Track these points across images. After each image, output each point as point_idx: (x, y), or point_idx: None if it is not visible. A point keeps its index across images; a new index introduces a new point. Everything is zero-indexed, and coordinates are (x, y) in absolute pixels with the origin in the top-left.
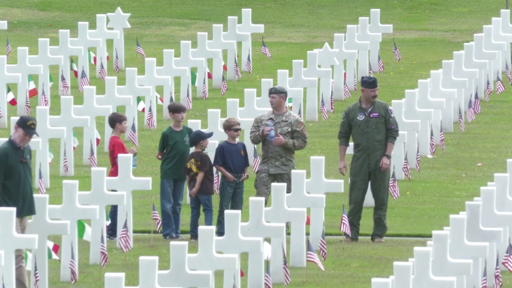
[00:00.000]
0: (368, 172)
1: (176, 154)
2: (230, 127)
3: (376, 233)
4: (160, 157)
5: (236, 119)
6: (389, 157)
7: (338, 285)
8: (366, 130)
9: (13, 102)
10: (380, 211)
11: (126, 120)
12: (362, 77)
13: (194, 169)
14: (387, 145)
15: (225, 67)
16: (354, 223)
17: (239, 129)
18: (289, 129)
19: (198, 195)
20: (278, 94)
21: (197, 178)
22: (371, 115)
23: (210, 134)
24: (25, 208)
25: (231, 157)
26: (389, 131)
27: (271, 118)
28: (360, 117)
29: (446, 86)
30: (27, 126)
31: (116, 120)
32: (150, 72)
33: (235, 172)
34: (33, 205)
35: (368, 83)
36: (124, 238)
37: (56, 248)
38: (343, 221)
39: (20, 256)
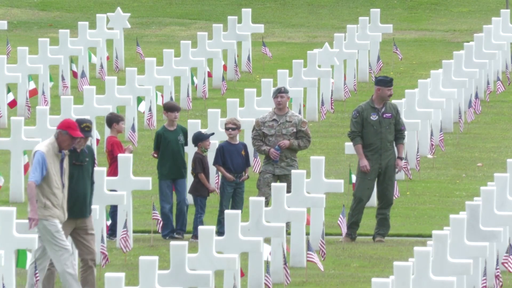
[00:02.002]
0: (378, 172)
1: (171, 154)
2: (225, 125)
3: (380, 232)
4: (156, 155)
5: (233, 119)
6: (402, 159)
7: (338, 285)
8: (380, 130)
9: (12, 104)
10: (386, 210)
11: (123, 121)
12: (377, 77)
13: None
14: (397, 147)
15: (225, 67)
16: (357, 222)
17: (232, 129)
18: (294, 130)
19: (194, 196)
20: (286, 94)
21: (201, 180)
22: (384, 116)
23: (209, 135)
24: (76, 210)
25: (231, 157)
26: (399, 132)
27: (274, 119)
28: (374, 117)
29: (446, 86)
30: (81, 128)
31: (113, 120)
32: (150, 72)
33: (235, 172)
34: (85, 207)
35: (385, 82)
36: (124, 238)
37: None
38: (339, 222)
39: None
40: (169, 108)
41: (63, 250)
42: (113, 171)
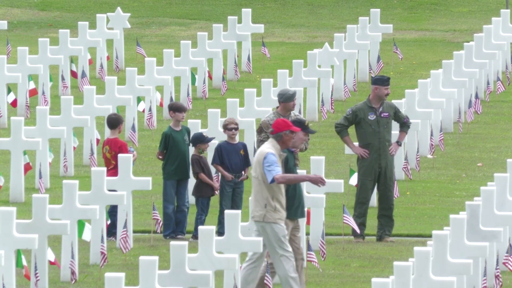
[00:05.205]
0: (378, 172)
1: (178, 154)
2: (225, 126)
3: (387, 233)
4: (160, 157)
5: (234, 119)
6: (399, 144)
7: (338, 285)
8: (378, 130)
9: (15, 104)
10: (390, 210)
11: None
12: (373, 76)
13: None
14: (400, 134)
15: (224, 71)
16: (364, 223)
17: (235, 129)
18: None
19: (196, 197)
20: None
21: (203, 179)
22: (382, 115)
23: (209, 139)
24: (299, 210)
25: (229, 156)
26: (403, 124)
27: None
28: (372, 117)
29: (446, 86)
30: (305, 127)
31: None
32: (150, 72)
33: (233, 172)
34: (304, 208)
35: (382, 81)
36: (124, 239)
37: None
38: (346, 221)
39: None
40: (177, 108)
41: (286, 254)
42: (111, 170)
